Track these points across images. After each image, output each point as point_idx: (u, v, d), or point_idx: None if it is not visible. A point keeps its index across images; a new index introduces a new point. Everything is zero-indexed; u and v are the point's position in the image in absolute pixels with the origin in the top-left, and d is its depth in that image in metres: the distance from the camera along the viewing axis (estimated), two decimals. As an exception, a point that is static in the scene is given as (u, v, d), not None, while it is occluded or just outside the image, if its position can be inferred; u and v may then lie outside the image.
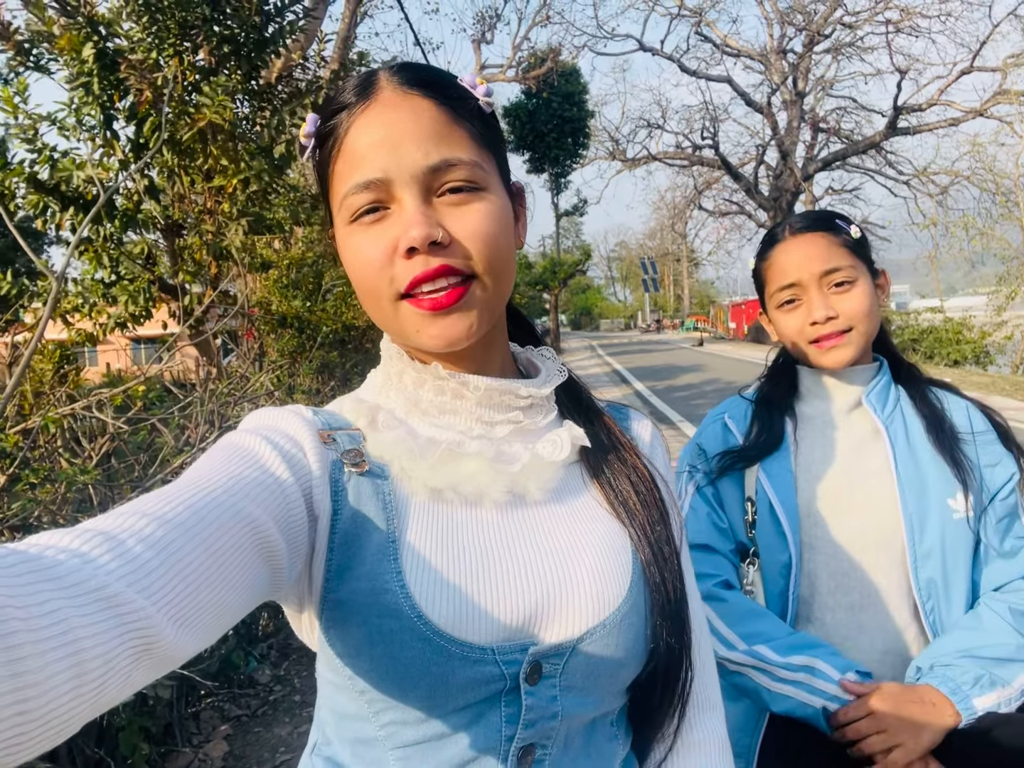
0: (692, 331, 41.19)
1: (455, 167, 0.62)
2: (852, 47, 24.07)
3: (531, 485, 0.66)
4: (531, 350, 0.79)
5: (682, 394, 12.69)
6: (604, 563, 0.66)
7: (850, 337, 1.14)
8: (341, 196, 0.64)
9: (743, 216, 30.48)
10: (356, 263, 0.64)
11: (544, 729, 0.62)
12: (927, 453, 1.13)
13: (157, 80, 5.23)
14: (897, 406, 1.19)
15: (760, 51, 25.50)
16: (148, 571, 0.42)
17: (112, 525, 0.43)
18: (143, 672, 0.41)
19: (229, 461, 0.56)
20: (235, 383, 3.83)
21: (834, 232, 1.17)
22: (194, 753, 2.60)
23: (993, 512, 1.11)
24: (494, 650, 0.60)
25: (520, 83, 18.91)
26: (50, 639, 0.34)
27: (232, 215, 6.06)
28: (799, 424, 1.22)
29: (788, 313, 1.19)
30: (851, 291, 1.14)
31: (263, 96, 6.69)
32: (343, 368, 6.20)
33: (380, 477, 0.63)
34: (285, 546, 0.55)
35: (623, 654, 0.65)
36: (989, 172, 21.27)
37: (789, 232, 1.20)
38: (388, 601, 0.58)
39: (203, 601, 0.45)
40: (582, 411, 0.76)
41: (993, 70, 21.17)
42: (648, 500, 0.71)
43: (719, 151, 25.88)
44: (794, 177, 24.56)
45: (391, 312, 0.64)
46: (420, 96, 0.63)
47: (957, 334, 17.54)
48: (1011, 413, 9.37)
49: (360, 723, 0.63)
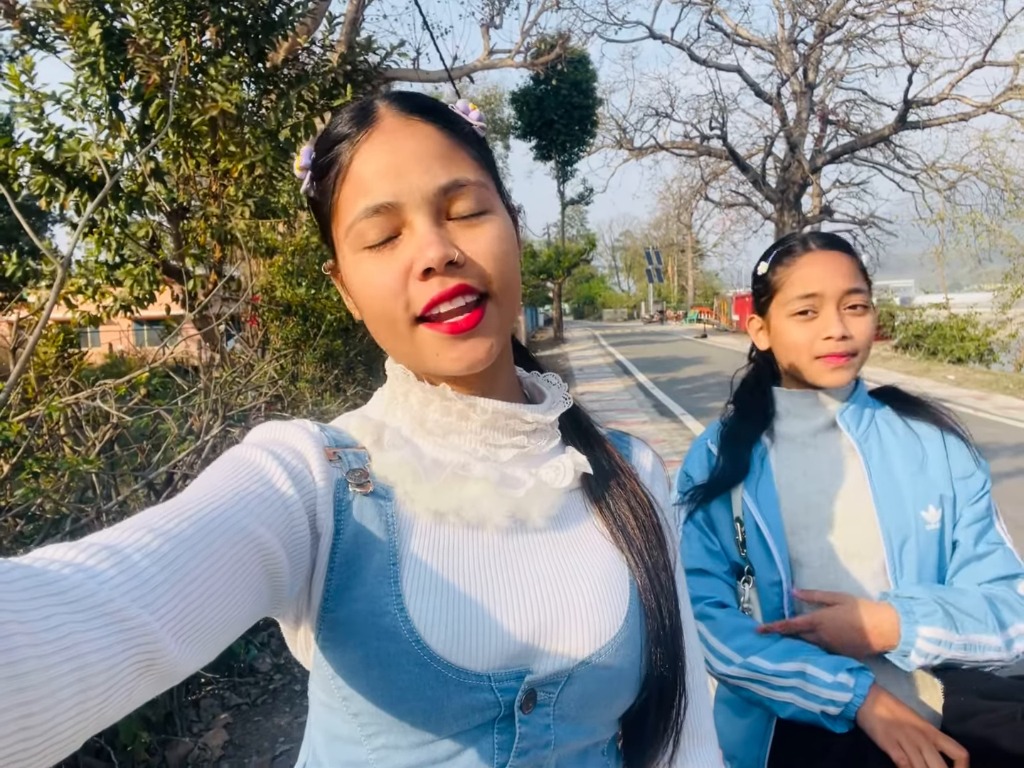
0: (695, 323, 41.10)
1: (464, 187, 0.63)
2: (864, 39, 23.84)
3: (533, 511, 0.66)
4: (537, 375, 0.79)
5: (685, 387, 12.67)
6: (602, 592, 0.66)
7: (853, 361, 1.16)
8: (348, 223, 0.63)
9: (749, 208, 30.33)
10: (368, 290, 0.63)
11: (536, 757, 0.62)
12: (901, 467, 1.17)
13: (164, 62, 5.18)
14: (872, 423, 1.21)
15: (771, 41, 25.27)
16: (153, 586, 0.42)
17: (117, 539, 0.43)
18: (145, 688, 0.41)
19: (235, 476, 0.55)
20: (239, 371, 3.82)
21: (853, 256, 1.19)
22: (194, 742, 2.61)
23: (966, 521, 1.15)
24: (490, 677, 0.60)
25: (528, 69, 18.75)
26: (54, 654, 0.34)
27: (237, 199, 6.03)
28: (778, 444, 1.24)
29: (801, 323, 1.18)
30: (864, 316, 1.16)
31: (269, 79, 6.63)
32: (347, 357, 6.19)
33: (384, 498, 0.63)
34: (288, 563, 0.55)
35: (618, 684, 0.65)
36: (998, 168, 21.14)
37: (815, 245, 1.20)
38: (387, 624, 0.58)
39: (206, 617, 0.45)
40: (584, 438, 0.76)
41: (1006, 65, 20.96)
42: (646, 525, 0.71)
43: (727, 142, 25.71)
44: (802, 169, 24.41)
45: (407, 337, 0.63)
46: (421, 121, 0.64)
47: (961, 331, 17.49)
48: (1014, 412, 9.35)
49: (352, 746, 0.63)
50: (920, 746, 1.00)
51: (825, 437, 1.21)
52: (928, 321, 18.71)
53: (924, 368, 14.72)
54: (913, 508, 1.13)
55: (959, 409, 9.89)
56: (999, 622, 1.06)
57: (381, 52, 7.10)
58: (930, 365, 15.51)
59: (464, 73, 16.85)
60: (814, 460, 1.20)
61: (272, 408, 4.17)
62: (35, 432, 2.39)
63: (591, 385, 13.80)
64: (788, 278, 1.21)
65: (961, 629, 1.04)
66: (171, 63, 5.21)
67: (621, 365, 17.83)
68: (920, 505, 1.13)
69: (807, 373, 1.20)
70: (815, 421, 1.22)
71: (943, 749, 1.00)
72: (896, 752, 1.00)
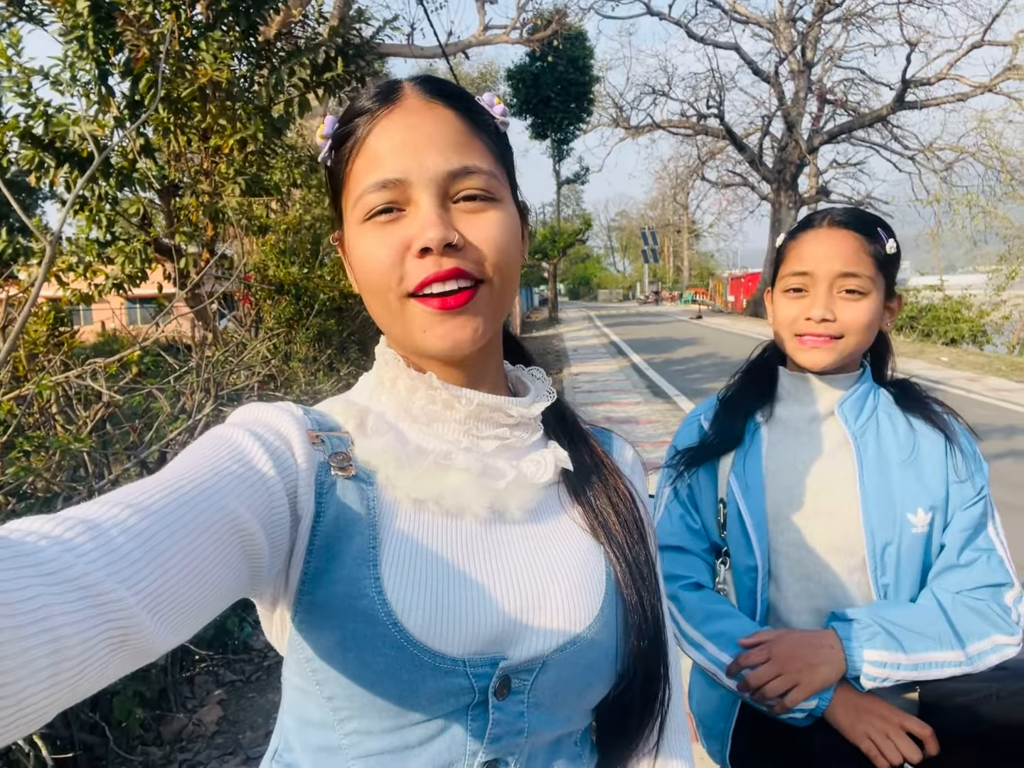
0: (690, 303, 41.04)
1: (473, 174, 0.63)
2: (862, 17, 23.63)
3: (512, 503, 0.67)
4: (522, 369, 0.79)
5: (679, 368, 12.69)
6: (577, 582, 0.67)
7: (837, 344, 1.12)
8: (357, 194, 0.64)
9: (746, 188, 30.20)
10: (366, 260, 0.64)
11: (509, 745, 0.63)
12: (896, 466, 1.14)
13: (154, 36, 5.09)
14: (873, 416, 1.18)
15: (769, 18, 25.02)
16: (130, 562, 0.42)
17: (95, 514, 0.43)
18: (119, 663, 0.41)
19: (215, 455, 0.55)
20: (231, 350, 3.80)
21: (870, 239, 1.14)
22: (188, 718, 2.63)
23: (957, 526, 1.12)
24: (465, 662, 0.60)
25: (525, 45, 18.53)
26: (29, 624, 0.34)
27: (229, 176, 5.98)
28: (772, 426, 1.21)
29: (791, 300, 1.17)
30: (859, 302, 1.12)
31: (261, 53, 6.54)
32: (340, 336, 6.18)
33: (366, 482, 0.63)
34: (267, 544, 0.54)
35: (592, 673, 0.66)
36: (995, 149, 21.07)
37: (828, 222, 1.16)
38: (364, 606, 0.58)
39: (183, 595, 0.45)
40: (567, 432, 0.76)
41: (1004, 44, 20.81)
42: (628, 519, 0.72)
43: (724, 121, 25.53)
44: (799, 149, 24.28)
45: (398, 310, 0.64)
46: (443, 105, 0.65)
47: (956, 313, 17.53)
48: (1006, 394, 9.40)
49: (324, 731, 0.63)
50: (887, 732, 1.02)
51: (821, 426, 1.18)
52: (923, 303, 18.73)
53: (918, 349, 14.75)
54: (901, 509, 1.11)
55: (952, 391, 9.96)
56: (957, 637, 1.05)
57: (375, 24, 7.01)
58: (924, 346, 15.55)
59: (459, 49, 16.64)
60: (806, 448, 1.18)
61: (265, 387, 4.16)
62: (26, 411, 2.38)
63: (585, 366, 13.80)
64: (790, 253, 1.19)
65: (909, 649, 1.03)
66: (161, 37, 5.12)
67: (616, 346, 17.83)
68: (909, 507, 1.11)
69: (787, 349, 1.18)
70: (813, 407, 1.19)
71: (910, 729, 1.02)
72: (864, 744, 1.02)
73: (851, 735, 1.04)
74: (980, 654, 1.05)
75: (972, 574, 1.11)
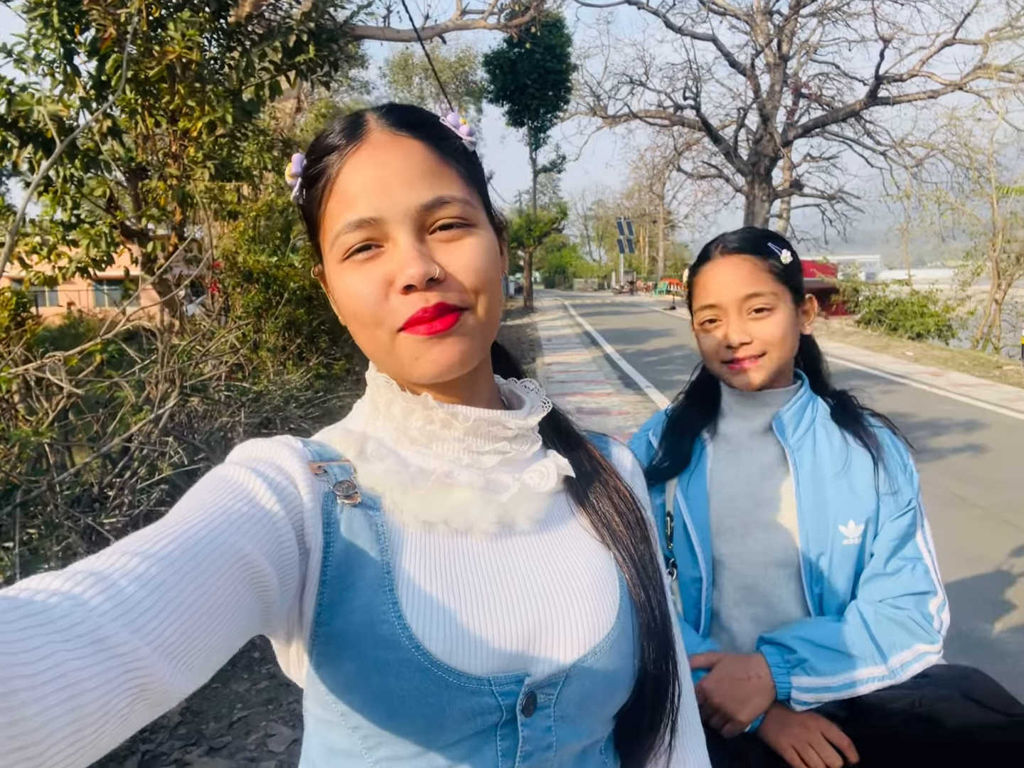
0: (665, 294, 41.25)
1: (447, 204, 0.64)
2: (838, 11, 23.76)
3: (519, 515, 0.67)
4: (514, 382, 0.80)
5: (651, 359, 12.78)
6: (593, 591, 0.67)
7: (763, 361, 1.16)
8: (334, 235, 0.64)
9: (721, 180, 30.31)
10: (351, 299, 0.64)
11: (539, 761, 0.63)
12: (831, 479, 1.18)
13: (121, 15, 4.98)
14: (810, 429, 1.21)
15: (746, 11, 25.06)
16: (142, 611, 0.42)
17: (102, 565, 0.43)
18: (139, 713, 0.41)
19: (219, 495, 0.55)
20: (198, 339, 3.77)
21: (762, 256, 1.18)
22: (151, 708, 2.63)
23: (885, 536, 1.16)
24: (490, 681, 0.60)
25: (502, 31, 18.35)
26: (47, 684, 0.34)
27: (198, 159, 5.88)
28: (717, 442, 1.26)
29: (708, 332, 1.20)
30: (769, 318, 1.16)
31: (232, 35, 6.43)
32: (310, 326, 6.13)
33: (372, 508, 0.64)
34: (277, 580, 0.55)
35: (614, 680, 0.67)
36: (964, 147, 21.40)
37: (721, 251, 1.21)
38: (385, 632, 0.58)
39: (197, 639, 0.45)
40: (565, 440, 0.77)
41: (975, 43, 21.10)
42: (631, 520, 0.73)
43: (700, 112, 25.58)
44: (773, 142, 24.44)
45: (388, 345, 0.64)
46: (409, 137, 0.65)
47: (922, 307, 17.86)
48: (967, 389, 9.62)
49: (353, 760, 0.63)
50: (809, 741, 1.07)
51: (760, 440, 1.22)
52: (891, 297, 19.05)
53: (884, 344, 15.02)
54: (833, 522, 1.14)
55: (915, 386, 10.14)
56: (880, 653, 1.09)
57: (350, 7, 6.92)
58: (890, 341, 15.83)
59: (435, 33, 16.44)
60: (747, 463, 1.21)
61: (233, 377, 4.13)
62: (-15, 401, 2.35)
63: (559, 356, 13.84)
64: (696, 288, 1.24)
65: (835, 672, 1.08)
66: (128, 16, 5.01)
67: (589, 336, 17.90)
68: (840, 519, 1.15)
69: (721, 378, 1.23)
70: (753, 423, 1.23)
71: (830, 738, 1.07)
72: (789, 754, 1.07)
73: (776, 746, 1.09)
74: (903, 665, 1.10)
75: (898, 582, 1.14)
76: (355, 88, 32.30)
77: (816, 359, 1.31)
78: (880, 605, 1.14)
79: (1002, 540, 4.24)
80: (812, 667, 1.08)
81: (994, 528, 4.43)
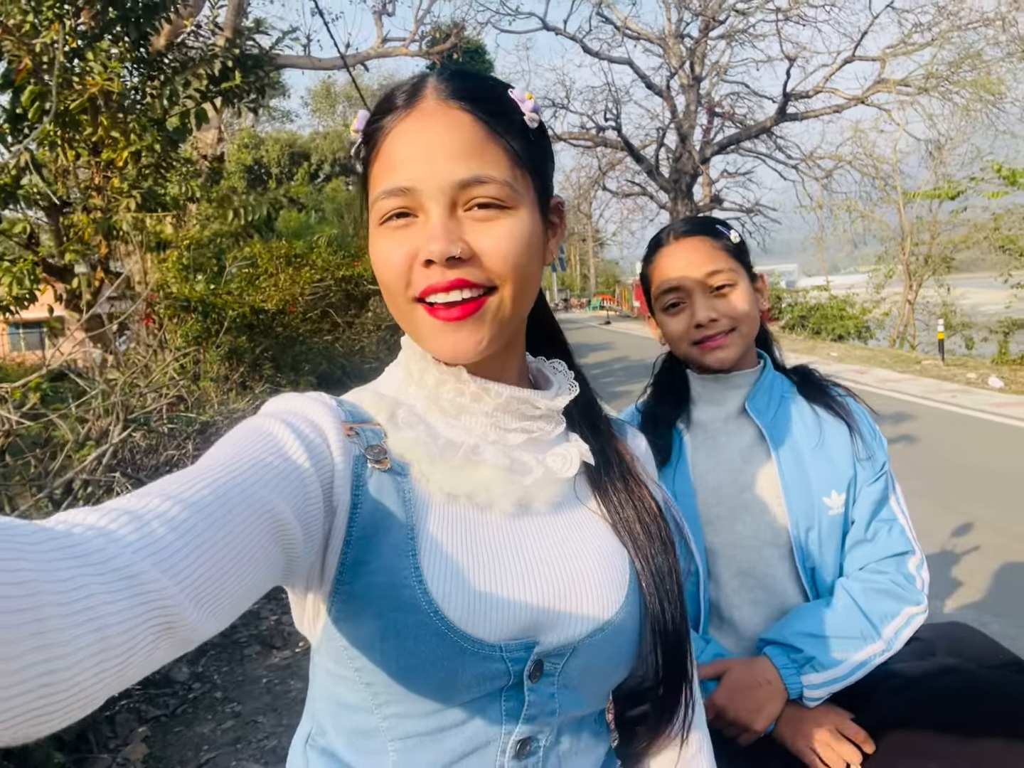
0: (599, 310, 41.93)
1: (485, 184, 0.63)
2: (744, 33, 24.89)
3: (539, 498, 0.69)
4: (543, 361, 0.80)
5: (593, 372, 12.84)
6: (605, 572, 0.69)
7: (732, 338, 1.17)
8: (374, 197, 0.66)
9: (645, 197, 31.16)
10: (380, 263, 0.66)
11: (541, 724, 0.66)
12: (808, 453, 1.19)
13: (36, 46, 4.82)
14: (782, 406, 1.23)
15: (659, 35, 25.99)
16: (172, 551, 0.42)
17: (137, 505, 0.44)
18: (164, 650, 0.42)
19: (252, 446, 0.55)
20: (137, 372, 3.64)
21: (715, 237, 1.20)
22: (112, 757, 2.50)
23: (863, 501, 1.18)
24: (502, 647, 0.62)
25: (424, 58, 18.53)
26: (76, 613, 0.35)
27: (123, 190, 5.70)
28: (693, 431, 1.25)
29: (673, 316, 1.21)
30: (732, 293, 1.17)
31: (153, 64, 6.29)
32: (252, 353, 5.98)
33: (400, 475, 0.65)
34: (302, 534, 0.55)
35: (617, 658, 0.70)
36: (869, 157, 22.59)
37: (673, 237, 1.22)
38: (406, 596, 0.60)
39: (223, 583, 0.46)
40: (590, 424, 0.78)
41: (873, 59, 22.41)
42: (652, 531, 0.74)
43: (622, 133, 26.30)
44: (692, 160, 25.31)
45: (407, 312, 0.66)
46: (460, 109, 0.64)
47: (841, 311, 18.68)
48: (891, 384, 10.09)
49: (361, 714, 0.64)
50: (827, 742, 1.06)
51: (735, 423, 1.23)
52: (811, 302, 19.85)
53: (810, 347, 15.63)
54: (817, 494, 1.16)
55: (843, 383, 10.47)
56: (874, 627, 1.11)
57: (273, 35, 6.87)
58: (815, 343, 16.50)
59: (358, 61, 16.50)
60: (726, 448, 1.22)
61: (175, 409, 4.00)
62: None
63: (500, 374, 13.85)
64: (653, 275, 1.24)
65: (842, 660, 1.09)
66: (44, 47, 4.85)
67: (528, 354, 17.98)
68: (824, 491, 1.16)
69: (692, 360, 1.23)
70: (725, 407, 1.23)
71: (845, 733, 1.06)
72: (807, 756, 1.07)
73: (793, 748, 1.08)
74: (896, 632, 1.11)
75: (877, 546, 1.18)
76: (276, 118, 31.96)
77: (768, 339, 1.33)
78: (863, 573, 1.17)
79: (945, 523, 4.44)
80: (819, 663, 1.08)
81: (936, 513, 4.63)
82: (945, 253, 17.54)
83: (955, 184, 13.98)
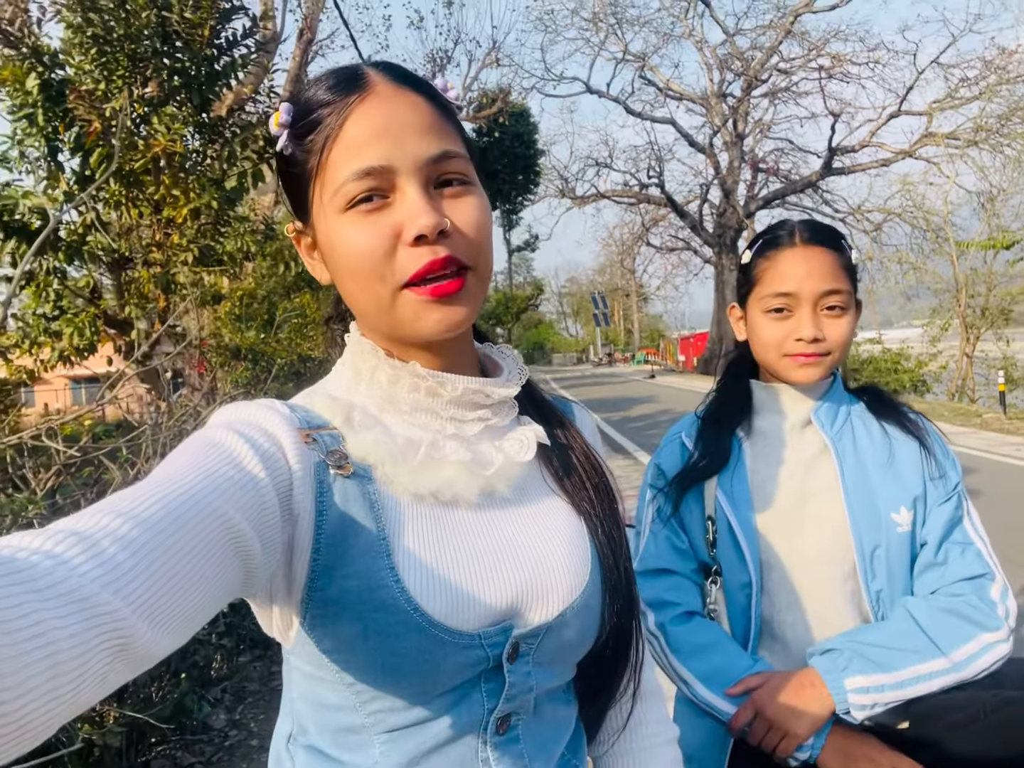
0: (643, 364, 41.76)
1: (452, 159, 0.65)
2: (787, 92, 25.21)
3: (500, 484, 0.69)
4: (490, 347, 0.81)
5: (637, 424, 12.81)
6: (570, 552, 0.71)
7: (825, 360, 1.14)
8: (337, 184, 0.63)
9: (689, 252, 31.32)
10: (352, 252, 0.64)
11: (521, 701, 0.68)
12: (875, 468, 1.15)
13: (106, 110, 5.14)
14: (847, 421, 1.19)
15: (701, 95, 26.49)
16: (122, 572, 0.41)
17: (85, 525, 0.43)
18: (118, 672, 0.41)
19: (203, 458, 0.54)
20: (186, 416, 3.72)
21: (839, 252, 1.15)
22: (144, 805, 2.45)
23: (933, 522, 1.13)
24: (480, 635, 0.64)
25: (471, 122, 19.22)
26: (25, 641, 0.34)
27: (182, 246, 5.96)
28: (753, 439, 1.21)
29: (774, 321, 1.16)
30: (841, 318, 1.13)
31: (214, 129, 6.64)
32: (298, 400, 6.08)
33: (364, 478, 0.64)
34: (259, 545, 0.54)
35: (585, 632, 0.72)
36: (919, 210, 22.32)
37: (800, 240, 1.16)
38: (384, 596, 0.60)
39: (178, 601, 0.45)
40: (539, 407, 0.79)
41: (920, 114, 22.37)
42: (600, 487, 0.77)
43: (665, 189, 26.63)
44: (736, 215, 25.38)
45: (388, 301, 0.64)
46: (413, 92, 0.65)
47: (895, 364, 18.23)
48: (952, 437, 9.65)
49: (344, 713, 0.64)
50: None
51: (799, 434, 1.19)
52: (863, 356, 19.43)
53: (864, 400, 15.20)
54: (885, 510, 1.11)
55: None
56: (936, 645, 1.03)
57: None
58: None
59: (408, 126, 17.15)
60: (788, 458, 1.17)
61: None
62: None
63: (544, 427, 13.81)
64: (766, 273, 1.18)
65: (890, 668, 1.01)
66: (113, 111, 5.17)
67: (573, 407, 17.92)
68: (892, 507, 1.11)
69: (776, 369, 1.18)
70: (790, 417, 1.19)
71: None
72: None
73: None
74: (968, 658, 1.03)
75: (949, 569, 1.11)
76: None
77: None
78: (933, 597, 1.09)
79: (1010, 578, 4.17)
80: (863, 666, 1.02)
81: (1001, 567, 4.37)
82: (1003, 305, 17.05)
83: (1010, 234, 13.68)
